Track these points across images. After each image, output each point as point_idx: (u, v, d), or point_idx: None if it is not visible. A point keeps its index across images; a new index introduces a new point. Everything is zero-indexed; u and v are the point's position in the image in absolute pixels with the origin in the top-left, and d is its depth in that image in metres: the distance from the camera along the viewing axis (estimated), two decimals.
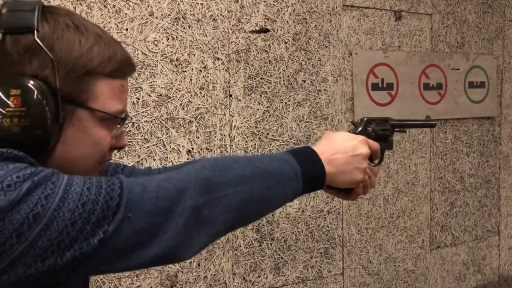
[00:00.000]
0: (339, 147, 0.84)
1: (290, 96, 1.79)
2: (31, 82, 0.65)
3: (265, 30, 1.73)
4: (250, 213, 0.74)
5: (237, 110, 1.69)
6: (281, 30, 1.76)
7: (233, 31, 1.67)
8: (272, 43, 1.75)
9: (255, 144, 1.73)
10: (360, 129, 0.95)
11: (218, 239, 0.73)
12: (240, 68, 1.69)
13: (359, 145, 0.85)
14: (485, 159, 2.38)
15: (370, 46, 1.99)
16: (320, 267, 1.90)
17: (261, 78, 1.73)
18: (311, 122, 1.85)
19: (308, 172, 0.79)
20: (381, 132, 0.96)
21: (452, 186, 2.28)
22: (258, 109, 1.73)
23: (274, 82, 1.76)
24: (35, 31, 0.64)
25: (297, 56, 1.80)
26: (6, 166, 0.57)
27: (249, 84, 1.71)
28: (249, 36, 1.70)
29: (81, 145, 0.70)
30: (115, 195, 0.60)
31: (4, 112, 0.63)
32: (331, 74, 1.89)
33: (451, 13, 2.22)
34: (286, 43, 1.78)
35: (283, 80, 1.78)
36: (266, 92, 1.74)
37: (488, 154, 2.39)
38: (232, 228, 0.73)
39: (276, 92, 1.76)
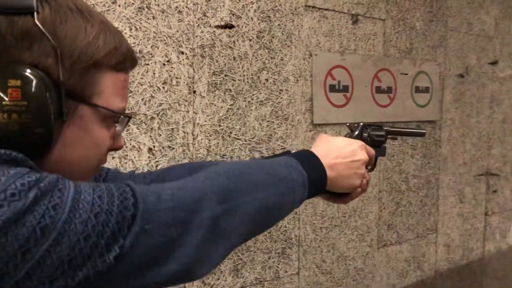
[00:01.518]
0: (339, 152, 0.82)
1: (253, 95, 1.76)
2: (33, 72, 0.55)
3: (230, 26, 1.68)
4: (264, 222, 0.70)
5: (201, 107, 1.62)
6: (245, 26, 1.72)
7: (198, 25, 1.60)
8: (237, 39, 1.70)
9: (218, 143, 1.67)
10: (356, 133, 0.94)
11: (232, 252, 0.67)
12: (204, 63, 1.62)
13: (359, 150, 0.84)
14: (427, 160, 2.51)
15: (328, 48, 2.01)
16: (277, 267, 1.89)
17: (226, 75, 1.68)
18: (273, 122, 1.83)
19: (313, 177, 0.76)
20: (376, 138, 0.95)
21: (398, 187, 2.37)
22: (222, 107, 1.68)
23: (238, 79, 1.71)
24: (35, 13, 0.55)
25: (260, 54, 1.77)
26: (7, 171, 0.49)
27: (214, 80, 1.65)
28: (214, 31, 1.64)
29: (81, 146, 0.62)
30: (129, 204, 0.53)
31: (0, 105, 0.53)
32: (293, 74, 1.88)
33: (402, 20, 2.30)
34: (250, 40, 1.74)
35: (247, 78, 1.74)
36: (230, 89, 1.69)
37: (430, 156, 2.52)
38: (245, 240, 0.68)
39: (240, 90, 1.72)
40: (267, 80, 1.80)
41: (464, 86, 2.67)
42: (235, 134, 1.72)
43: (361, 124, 0.95)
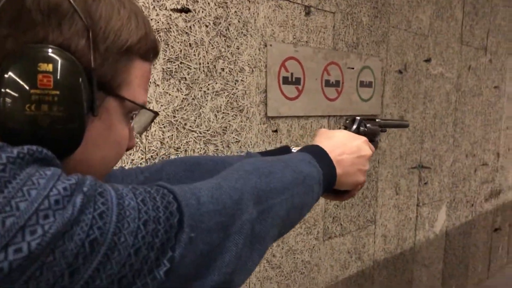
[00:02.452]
0: (345, 147, 0.78)
1: (209, 85, 1.66)
2: (66, 55, 0.46)
3: (187, 10, 1.57)
4: (290, 223, 0.64)
5: (155, 97, 1.50)
6: (202, 11, 1.62)
7: (154, 7, 1.47)
8: (193, 25, 1.60)
9: (172, 135, 1.56)
10: (354, 128, 0.90)
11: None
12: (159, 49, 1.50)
13: (363, 145, 0.81)
14: None
15: (283, 39, 1.96)
16: None
17: (181, 63, 1.57)
18: (228, 114, 1.75)
19: (327, 175, 0.72)
20: (372, 132, 0.92)
21: None
22: (176, 97, 1.56)
23: (194, 68, 1.61)
24: None
25: (217, 42, 1.68)
26: (43, 172, 0.40)
27: (169, 68, 1.53)
28: (170, 15, 1.52)
29: (103, 145, 0.53)
30: (173, 209, 0.46)
31: (27, 94, 0.43)
32: (248, 64, 1.81)
33: (350, 14, 2.31)
34: (207, 26, 1.64)
35: (203, 67, 1.64)
36: (185, 78, 1.59)
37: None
38: (271, 244, 0.62)
39: (196, 79, 1.62)
40: (223, 69, 1.71)
41: (402, 82, 2.76)
42: (190, 126, 1.62)
43: (359, 118, 0.91)
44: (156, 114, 0.59)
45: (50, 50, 0.45)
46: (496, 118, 3.98)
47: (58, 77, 0.45)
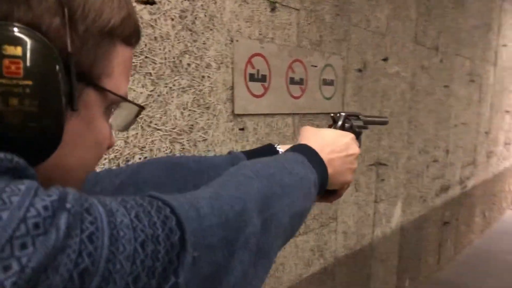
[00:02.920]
0: (334, 146, 0.74)
1: (175, 81, 1.59)
2: (37, 36, 0.37)
3: (152, 2, 1.48)
4: (291, 232, 0.59)
5: None
6: (168, 4, 1.54)
7: None
8: (159, 17, 1.51)
9: (136, 133, 1.48)
10: (339, 124, 0.86)
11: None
12: None
13: (351, 143, 0.77)
14: None
15: (249, 35, 1.91)
16: None
17: (146, 57, 1.49)
18: (194, 111, 1.68)
19: (320, 175, 0.68)
20: (357, 129, 0.89)
21: None
22: (141, 93, 1.48)
23: (159, 63, 1.53)
24: None
25: (183, 36, 1.61)
26: (15, 187, 0.31)
27: (133, 62, 1.44)
28: (135, 7, 1.43)
29: (82, 145, 0.45)
30: (172, 225, 0.39)
31: None
32: (215, 60, 1.75)
33: (313, 11, 2.30)
34: (172, 19, 1.56)
35: (169, 62, 1.56)
36: (150, 73, 1.50)
37: None
38: (276, 257, 0.56)
39: (161, 75, 1.54)
40: (189, 65, 1.64)
41: (362, 81, 2.79)
42: (155, 124, 1.54)
43: (343, 114, 0.88)
44: (141, 108, 0.52)
45: (16, 29, 0.36)
46: (446, 116, 4.13)
47: (30, 63, 0.36)
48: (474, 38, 4.57)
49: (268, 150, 0.81)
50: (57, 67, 0.38)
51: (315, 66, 2.34)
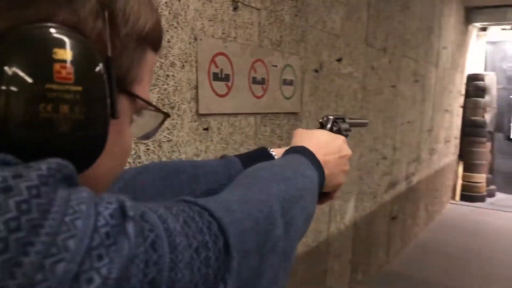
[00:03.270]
0: (328, 148, 0.75)
1: None
2: (84, 40, 0.35)
3: None
4: (303, 234, 0.59)
5: None
6: None
7: None
8: None
9: None
10: (329, 127, 0.87)
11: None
12: None
13: (344, 145, 0.79)
14: None
15: (212, 34, 1.89)
16: None
17: None
18: None
19: (320, 178, 0.68)
20: (344, 132, 0.91)
21: None
22: None
23: None
24: None
25: None
26: (78, 194, 0.30)
27: None
28: None
29: (111, 153, 0.42)
30: (216, 230, 0.38)
31: (41, 90, 0.32)
32: (179, 59, 1.71)
33: (274, 11, 2.31)
34: None
35: None
36: None
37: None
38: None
39: None
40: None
41: (318, 81, 2.84)
42: None
43: (331, 117, 0.89)
44: (167, 116, 0.50)
45: (65, 32, 0.34)
46: (393, 115, 4.30)
47: (80, 69, 0.34)
48: (418, 40, 4.79)
49: (262, 153, 0.81)
50: (103, 72, 0.36)
51: (276, 66, 2.36)
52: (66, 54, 0.33)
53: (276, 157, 0.78)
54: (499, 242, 5.32)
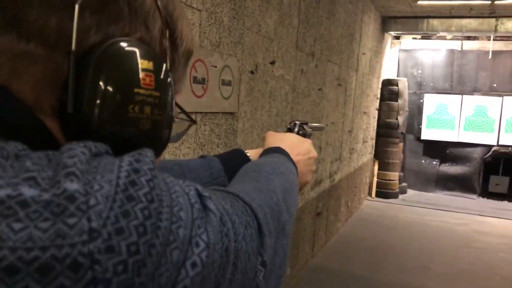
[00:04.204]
0: (299, 149, 0.83)
1: None
2: (157, 54, 0.42)
3: None
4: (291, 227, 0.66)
5: None
6: None
7: None
8: None
9: None
10: (295, 131, 0.95)
11: None
12: None
13: (311, 147, 0.87)
14: (228, 149, 2.66)
15: None
16: None
17: None
18: None
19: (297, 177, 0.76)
20: (307, 136, 0.98)
21: None
22: None
23: None
24: None
25: None
26: (167, 178, 0.37)
27: None
28: None
29: None
30: (249, 212, 0.46)
31: (131, 94, 0.38)
32: None
33: (213, 13, 2.36)
34: None
35: None
36: None
37: (229, 145, 2.68)
38: None
39: None
40: None
41: (254, 82, 2.94)
42: None
43: (298, 122, 0.97)
44: (194, 122, 0.56)
45: (147, 47, 0.40)
46: (319, 117, 4.52)
47: (159, 77, 0.40)
48: (341, 46, 5.07)
49: (239, 154, 0.86)
50: (172, 82, 0.42)
51: (215, 67, 2.41)
52: (149, 64, 0.39)
53: (251, 158, 0.84)
54: (411, 235, 5.79)
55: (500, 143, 7.87)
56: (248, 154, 0.87)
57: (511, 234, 6.08)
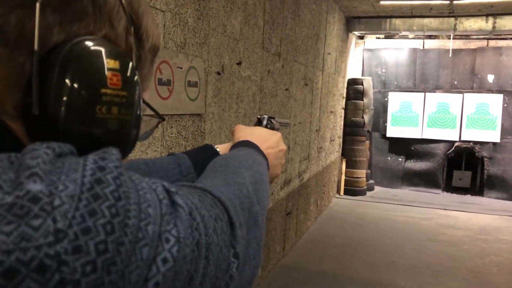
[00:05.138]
0: (269, 142, 0.83)
1: None
2: (123, 52, 0.41)
3: None
4: (265, 214, 0.65)
5: None
6: None
7: None
8: None
9: None
10: (264, 124, 0.95)
11: None
12: None
13: (280, 140, 0.87)
14: None
15: None
16: None
17: None
18: None
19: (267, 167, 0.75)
20: (276, 130, 0.98)
21: None
22: None
23: None
24: None
25: None
26: (134, 176, 0.36)
27: None
28: None
29: None
30: (219, 205, 0.45)
31: (98, 94, 0.38)
32: None
33: (177, 14, 2.34)
34: None
35: None
36: None
37: (195, 147, 2.66)
38: None
39: None
40: None
41: (220, 83, 2.92)
42: None
43: (266, 116, 0.97)
44: (162, 119, 0.55)
45: (111, 45, 0.39)
46: (287, 117, 4.54)
47: (125, 76, 0.40)
48: (307, 46, 5.11)
49: (208, 149, 0.85)
50: (138, 80, 0.41)
51: (181, 68, 2.38)
52: (115, 64, 0.38)
53: (220, 152, 0.83)
54: (379, 231, 5.90)
55: (462, 138, 8.13)
56: (217, 149, 0.86)
57: (475, 227, 6.28)
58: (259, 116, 0.98)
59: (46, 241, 0.28)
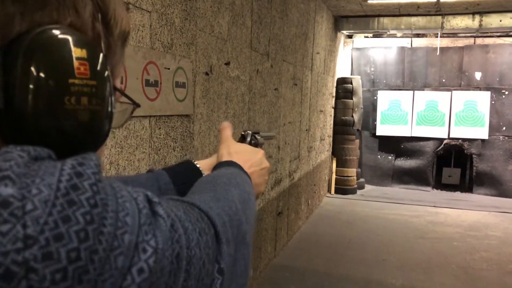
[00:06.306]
0: (252, 161, 0.82)
1: None
2: (90, 40, 0.40)
3: None
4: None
5: None
6: None
7: None
8: None
9: None
10: (248, 140, 0.94)
11: None
12: None
13: (263, 158, 0.87)
14: (185, 153, 2.63)
15: None
16: None
17: None
18: None
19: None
20: (260, 145, 0.97)
21: None
22: None
23: None
24: None
25: None
26: (112, 183, 0.36)
27: None
28: None
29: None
30: (206, 220, 0.45)
31: (66, 85, 0.36)
32: None
33: (164, 14, 2.32)
34: None
35: None
36: None
37: (186, 148, 2.65)
38: None
39: None
40: None
41: (209, 84, 2.91)
42: None
43: (250, 132, 0.96)
44: (137, 106, 0.54)
45: (78, 33, 0.38)
46: (276, 116, 4.54)
47: (94, 65, 0.38)
48: (296, 46, 5.11)
49: (187, 165, 0.83)
50: (108, 68, 0.40)
51: (168, 69, 2.37)
52: (82, 52, 0.37)
53: (201, 169, 0.81)
54: (369, 229, 5.92)
55: (451, 136, 8.19)
56: (197, 165, 0.84)
57: (464, 223, 6.33)
58: (243, 132, 0.96)
59: (13, 247, 0.27)
